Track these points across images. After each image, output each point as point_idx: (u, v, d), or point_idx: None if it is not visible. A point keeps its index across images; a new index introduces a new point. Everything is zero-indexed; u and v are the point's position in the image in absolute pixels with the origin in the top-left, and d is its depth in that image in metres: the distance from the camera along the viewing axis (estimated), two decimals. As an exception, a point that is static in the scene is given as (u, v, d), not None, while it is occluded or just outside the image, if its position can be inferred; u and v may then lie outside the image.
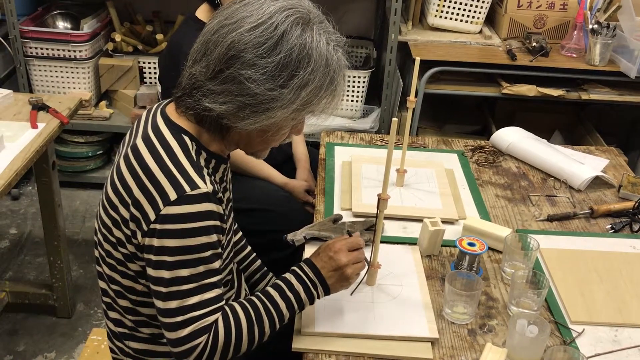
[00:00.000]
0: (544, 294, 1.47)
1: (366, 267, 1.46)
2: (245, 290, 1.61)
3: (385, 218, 1.72)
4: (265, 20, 1.17)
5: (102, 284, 1.40)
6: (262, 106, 1.19)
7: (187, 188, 1.19)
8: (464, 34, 3.06)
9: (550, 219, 1.82)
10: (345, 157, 2.05)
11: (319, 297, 1.34)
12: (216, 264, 1.25)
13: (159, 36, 3.26)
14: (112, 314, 1.40)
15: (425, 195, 1.86)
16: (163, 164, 1.22)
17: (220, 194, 1.27)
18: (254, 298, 1.30)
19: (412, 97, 1.80)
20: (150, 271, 1.23)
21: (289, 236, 1.65)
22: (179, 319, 1.22)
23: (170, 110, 1.31)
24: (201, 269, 1.22)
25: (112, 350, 1.47)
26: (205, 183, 1.22)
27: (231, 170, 2.12)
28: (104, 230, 1.32)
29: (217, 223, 1.24)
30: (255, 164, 2.17)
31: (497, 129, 2.25)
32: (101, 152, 3.31)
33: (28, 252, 2.90)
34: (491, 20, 3.15)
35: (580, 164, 2.01)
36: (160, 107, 1.35)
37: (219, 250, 1.27)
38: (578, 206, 1.89)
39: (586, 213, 1.85)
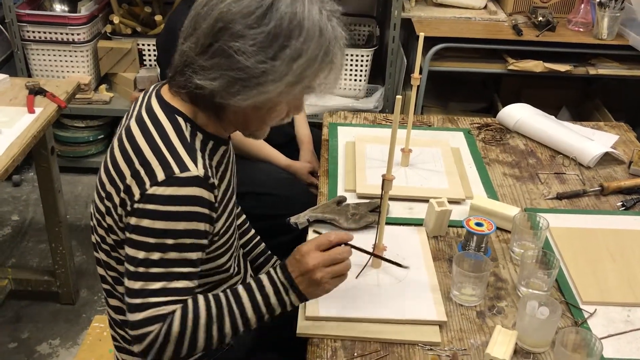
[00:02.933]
0: (555, 274, 1.43)
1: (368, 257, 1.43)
2: (251, 276, 1.58)
3: (390, 199, 1.68)
4: None
5: (101, 271, 1.37)
6: (254, 80, 1.14)
7: (176, 169, 1.15)
8: (469, 10, 3.00)
9: (560, 197, 1.78)
10: (349, 137, 2.01)
11: (292, 304, 1.25)
12: (193, 255, 1.20)
13: (158, 17, 3.20)
14: (112, 301, 1.37)
15: (431, 175, 1.82)
16: (154, 144, 1.18)
17: (213, 180, 1.20)
18: (220, 294, 1.23)
19: (416, 75, 1.75)
20: (127, 249, 1.19)
21: (292, 219, 1.61)
22: (138, 301, 1.17)
23: (165, 91, 1.27)
24: (173, 255, 1.17)
25: (113, 338, 1.44)
26: (197, 166, 1.17)
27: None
28: (97, 216, 1.29)
29: (205, 211, 1.19)
30: (258, 145, 2.13)
31: (503, 107, 2.20)
32: (102, 136, 3.27)
33: (30, 239, 2.87)
34: (496, -6, 3.08)
35: (590, 140, 1.97)
36: (156, 88, 1.31)
37: (203, 241, 1.21)
38: (588, 183, 1.85)
39: (596, 190, 1.81)
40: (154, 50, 3.16)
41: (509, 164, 1.94)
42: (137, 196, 1.16)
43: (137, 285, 1.18)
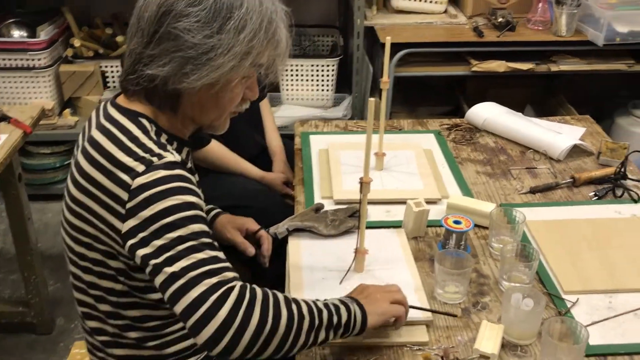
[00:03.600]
0: (535, 266, 1.44)
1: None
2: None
3: (368, 203, 1.67)
4: None
5: (78, 295, 1.34)
6: (204, 56, 1.15)
7: (154, 159, 1.16)
8: (429, 15, 3.03)
9: (533, 190, 1.80)
10: (321, 145, 2.01)
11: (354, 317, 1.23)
12: (206, 227, 1.15)
13: (120, 38, 3.17)
14: (92, 323, 1.34)
15: (406, 177, 1.83)
16: (124, 146, 1.18)
17: (190, 165, 1.23)
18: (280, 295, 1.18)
19: (385, 78, 1.76)
20: (141, 251, 1.12)
21: (271, 229, 1.61)
22: (182, 281, 1.07)
23: (121, 100, 1.27)
24: (193, 227, 1.12)
25: None
26: (173, 155, 1.19)
27: (206, 168, 2.08)
28: (74, 233, 1.25)
29: (194, 187, 1.18)
30: (230, 158, 2.12)
31: (469, 108, 2.22)
32: (69, 162, 3.22)
33: (1, 270, 2.80)
34: (455, -2, 3.13)
35: (558, 134, 2.00)
36: (109, 100, 1.30)
37: (204, 214, 1.18)
38: (559, 176, 1.88)
39: (568, 182, 1.83)
40: (117, 71, 3.13)
41: (480, 162, 1.96)
42: (125, 197, 1.14)
43: (169, 270, 1.09)
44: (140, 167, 1.15)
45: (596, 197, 1.78)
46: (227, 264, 1.14)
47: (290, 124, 2.95)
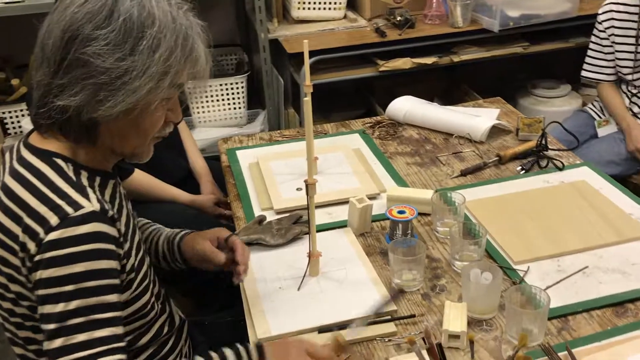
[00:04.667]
0: (484, 242, 1.48)
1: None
2: (179, 315, 1.50)
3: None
4: None
5: (18, 349, 1.25)
6: (118, 81, 1.07)
7: (69, 210, 1.07)
8: (330, 22, 3.06)
9: (464, 173, 1.85)
10: (249, 159, 1.99)
11: None
12: (111, 297, 1.10)
13: (15, 81, 3.02)
14: (17, 350, 1.24)
15: (341, 178, 1.83)
16: (38, 192, 1.10)
17: (112, 212, 1.13)
18: None
19: (307, 82, 1.76)
20: (40, 308, 1.08)
21: None
22: (66, 359, 1.06)
23: (34, 139, 1.18)
24: (90, 301, 1.07)
25: None
26: (91, 201, 1.10)
27: (134, 198, 2.00)
28: (0, 290, 1.17)
29: (111, 247, 1.11)
30: (157, 185, 2.06)
31: (381, 108, 2.26)
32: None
33: None
34: (352, 3, 3.18)
35: (476, 117, 2.06)
36: (22, 141, 1.21)
37: (115, 280, 1.12)
38: (485, 156, 1.94)
39: (494, 161, 1.90)
40: (17, 116, 2.98)
41: (409, 154, 1.99)
42: (33, 249, 1.07)
43: (57, 342, 1.06)
44: (54, 219, 1.07)
45: (523, 171, 1.85)
46: (120, 344, 1.10)
47: (207, 146, 2.90)
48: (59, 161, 1.14)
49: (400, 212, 1.56)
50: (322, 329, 1.32)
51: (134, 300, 1.23)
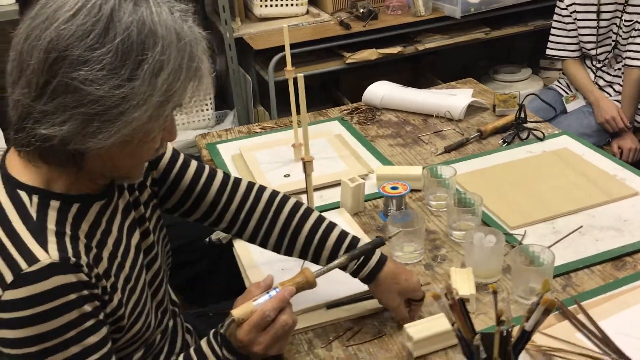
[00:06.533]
0: (480, 210, 1.49)
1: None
2: (169, 327, 1.33)
3: (301, 193, 1.67)
4: (83, 3, 0.91)
5: None
6: (113, 111, 0.91)
7: (23, 264, 0.94)
8: (293, 18, 3.07)
9: (448, 150, 1.87)
10: (231, 151, 1.97)
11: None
12: (93, 338, 1.00)
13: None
14: None
15: (328, 162, 1.83)
16: None
17: (80, 258, 0.98)
18: None
19: (288, 67, 1.76)
20: None
21: (213, 237, 1.54)
22: None
23: (10, 160, 1.04)
24: (75, 349, 0.98)
25: None
26: (48, 251, 0.95)
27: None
28: None
29: (81, 293, 0.98)
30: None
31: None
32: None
33: None
34: (314, -1, 3.20)
35: (453, 96, 2.09)
36: (3, 154, 1.09)
37: (95, 319, 1.01)
38: (465, 133, 1.96)
39: (476, 136, 1.92)
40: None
41: (390, 136, 2.00)
42: None
43: None
44: (9, 276, 0.94)
45: (505, 144, 1.88)
46: None
47: (180, 148, 2.86)
48: (23, 195, 1.00)
49: (394, 188, 1.57)
50: (330, 305, 1.31)
51: (125, 331, 1.13)
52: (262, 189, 1.36)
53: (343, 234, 1.29)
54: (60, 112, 0.91)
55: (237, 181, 1.36)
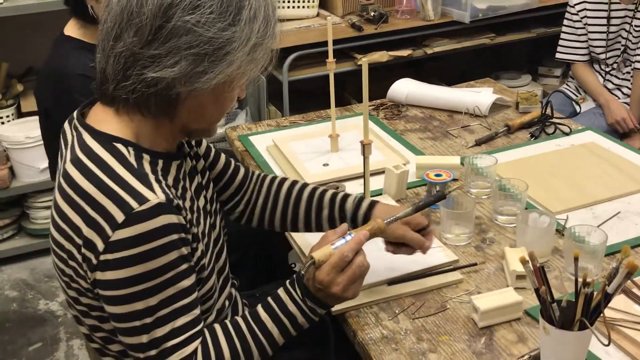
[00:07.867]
0: (525, 197, 1.55)
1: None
2: (233, 294, 1.42)
3: (348, 179, 1.73)
4: None
5: (83, 329, 1.22)
6: (221, 51, 1.03)
7: (134, 204, 1.02)
8: (305, 20, 3.13)
9: (478, 142, 1.93)
10: (265, 143, 2.00)
11: (318, 315, 1.18)
12: (187, 282, 1.09)
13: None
14: (83, 329, 1.22)
15: (365, 152, 1.88)
16: (101, 183, 1.04)
17: (177, 201, 1.08)
18: (241, 323, 1.16)
19: (330, 59, 1.81)
20: (113, 308, 1.06)
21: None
22: (153, 352, 1.07)
23: (93, 118, 1.13)
24: (171, 291, 1.07)
25: None
26: (155, 192, 1.05)
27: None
28: (65, 279, 1.13)
29: (181, 235, 1.07)
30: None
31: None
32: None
33: None
34: (324, 2, 3.25)
35: (478, 93, 2.16)
36: (77, 118, 1.16)
37: (188, 264, 1.10)
38: (493, 128, 2.03)
39: (504, 130, 1.99)
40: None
41: (419, 130, 2.06)
42: (100, 247, 1.03)
43: (144, 338, 1.07)
44: (120, 216, 1.02)
45: (534, 138, 1.95)
46: (199, 327, 1.11)
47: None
48: (120, 146, 1.09)
49: (437, 175, 1.63)
50: (391, 282, 1.36)
51: (205, 281, 1.20)
52: (265, 176, 1.50)
53: (335, 193, 1.43)
54: (173, 54, 1.02)
55: (254, 174, 1.50)
